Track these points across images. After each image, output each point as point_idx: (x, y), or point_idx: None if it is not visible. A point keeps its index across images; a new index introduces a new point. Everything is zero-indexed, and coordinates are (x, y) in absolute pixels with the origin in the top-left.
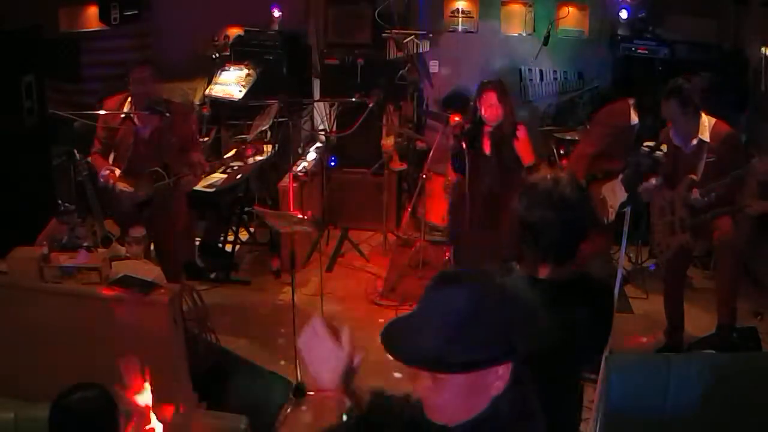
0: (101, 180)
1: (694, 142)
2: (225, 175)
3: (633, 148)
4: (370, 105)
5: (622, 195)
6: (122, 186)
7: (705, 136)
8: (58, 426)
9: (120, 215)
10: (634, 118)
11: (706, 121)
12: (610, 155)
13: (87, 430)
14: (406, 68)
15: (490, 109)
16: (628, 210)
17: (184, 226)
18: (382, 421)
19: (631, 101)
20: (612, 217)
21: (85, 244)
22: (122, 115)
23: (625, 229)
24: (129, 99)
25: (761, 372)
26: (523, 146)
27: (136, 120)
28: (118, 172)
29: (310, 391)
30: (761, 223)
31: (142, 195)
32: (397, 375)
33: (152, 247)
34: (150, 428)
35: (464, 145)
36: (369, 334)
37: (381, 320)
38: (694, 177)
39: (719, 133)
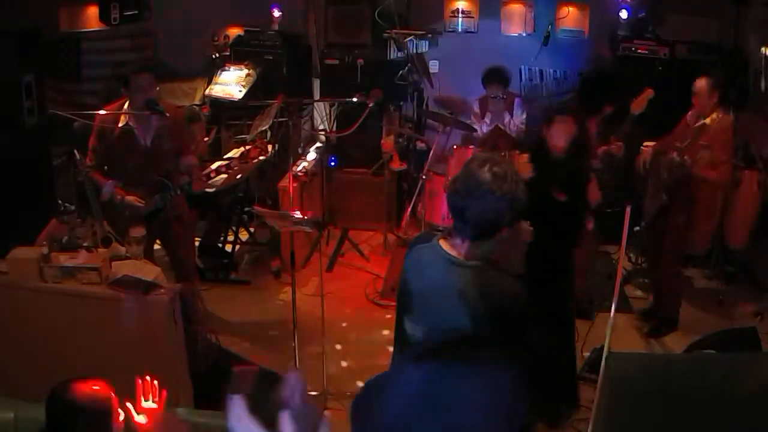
0: (105, 195)
1: (699, 123)
2: (225, 175)
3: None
4: (370, 105)
5: None
6: (131, 199)
7: (708, 120)
8: (54, 416)
9: (123, 225)
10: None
11: (720, 113)
12: None
13: (83, 419)
14: (406, 68)
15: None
16: (628, 209)
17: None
18: None
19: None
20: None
21: (85, 244)
22: (120, 125)
23: (625, 228)
24: (126, 106)
25: (761, 372)
26: (592, 186)
27: (136, 129)
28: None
29: None
30: (761, 223)
31: (152, 206)
32: None
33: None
34: None
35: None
36: (369, 335)
37: (381, 320)
38: (679, 144)
39: (717, 122)
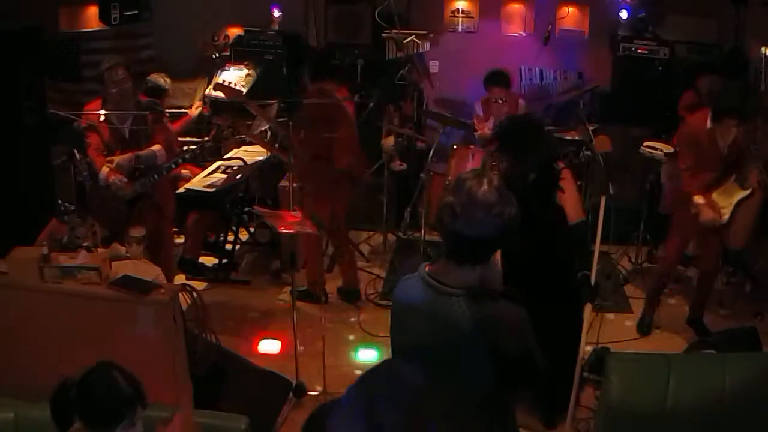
0: (102, 180)
1: None
2: (225, 175)
3: None
4: (370, 105)
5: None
6: (116, 178)
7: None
8: (92, 386)
9: (112, 219)
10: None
11: None
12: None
13: (122, 395)
14: (406, 68)
15: None
16: (603, 199)
17: (172, 217)
18: None
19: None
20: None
21: (85, 244)
22: (101, 119)
23: (600, 218)
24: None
25: (761, 372)
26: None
27: (115, 121)
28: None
29: None
30: (761, 222)
31: (139, 190)
32: None
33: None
34: None
35: None
36: (368, 335)
37: (380, 321)
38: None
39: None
